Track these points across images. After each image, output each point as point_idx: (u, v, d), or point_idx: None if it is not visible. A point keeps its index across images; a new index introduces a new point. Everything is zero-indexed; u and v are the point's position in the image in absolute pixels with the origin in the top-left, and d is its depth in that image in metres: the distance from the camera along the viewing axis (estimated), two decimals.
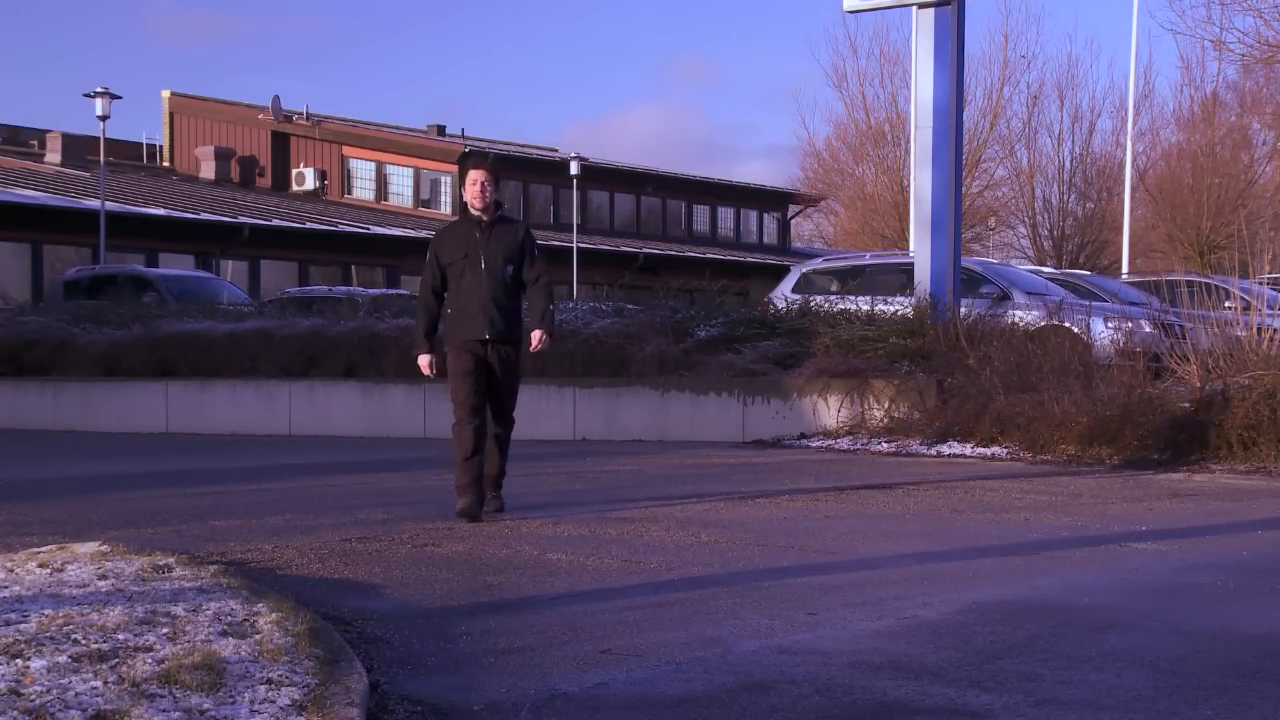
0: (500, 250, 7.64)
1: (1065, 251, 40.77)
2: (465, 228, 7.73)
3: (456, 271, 7.64)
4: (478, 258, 7.60)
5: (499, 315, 7.60)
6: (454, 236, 7.76)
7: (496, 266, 7.61)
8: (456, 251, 7.66)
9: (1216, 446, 10.34)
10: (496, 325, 7.60)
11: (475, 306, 7.58)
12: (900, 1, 14.50)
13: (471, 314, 7.58)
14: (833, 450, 12.00)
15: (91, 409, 16.88)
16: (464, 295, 7.62)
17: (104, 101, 26.58)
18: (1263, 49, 22.24)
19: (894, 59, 37.95)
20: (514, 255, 7.68)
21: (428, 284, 7.78)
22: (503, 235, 7.69)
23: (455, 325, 7.65)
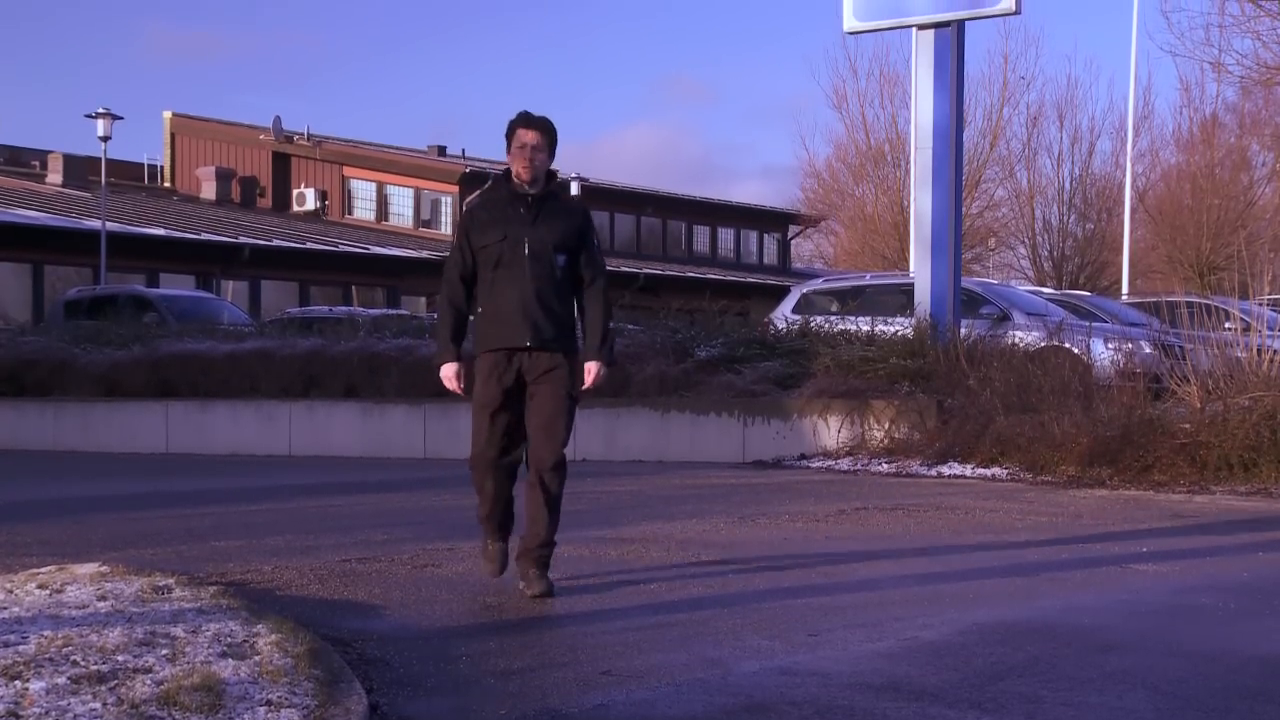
0: (551, 233, 5.89)
1: (1065, 272, 40.78)
2: (506, 201, 5.95)
3: (491, 257, 5.88)
4: (520, 241, 5.85)
5: (545, 318, 5.82)
6: (491, 211, 5.98)
7: (545, 254, 5.86)
8: (493, 231, 5.89)
9: (1217, 468, 10.33)
10: (542, 330, 5.81)
11: (513, 304, 5.82)
12: (900, 23, 14.54)
13: (508, 314, 5.83)
14: (833, 471, 11.99)
15: (92, 429, 16.88)
16: (500, 289, 5.86)
17: (105, 122, 26.66)
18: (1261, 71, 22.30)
19: (894, 80, 38.04)
20: (569, 242, 5.94)
21: (455, 270, 6.00)
22: (556, 214, 5.95)
23: (486, 328, 5.90)
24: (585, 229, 6.06)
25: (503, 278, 5.89)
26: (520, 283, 5.86)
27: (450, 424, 14.30)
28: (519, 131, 5.96)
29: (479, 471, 5.98)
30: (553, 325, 5.88)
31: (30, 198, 31.57)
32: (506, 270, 5.88)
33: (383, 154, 40.67)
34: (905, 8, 13.93)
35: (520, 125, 5.99)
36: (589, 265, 6.04)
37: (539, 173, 5.95)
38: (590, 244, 6.07)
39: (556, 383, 5.86)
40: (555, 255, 5.91)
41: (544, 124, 6.01)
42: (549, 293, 5.89)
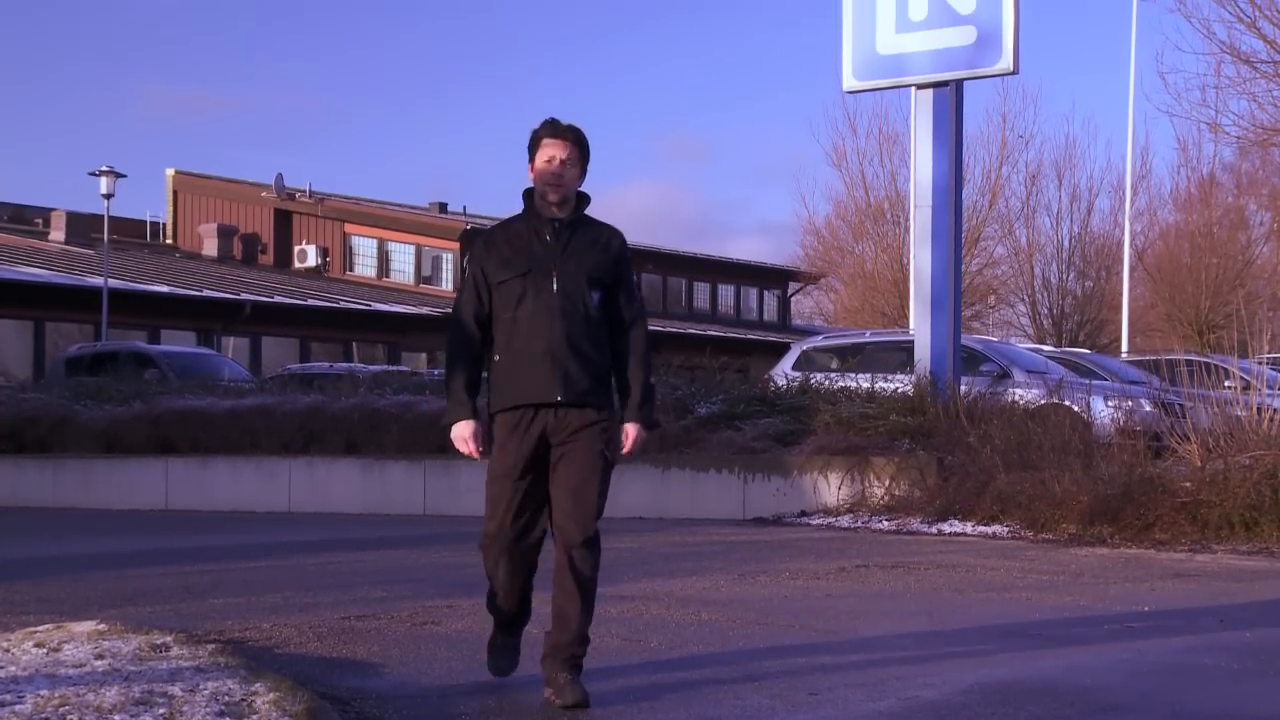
0: (584, 266, 5.01)
1: (1065, 330, 40.85)
2: (528, 228, 5.07)
3: (513, 295, 4.98)
4: (548, 275, 4.96)
5: (579, 367, 4.95)
6: (511, 241, 5.08)
7: (578, 290, 4.98)
8: (515, 263, 5.01)
9: (1218, 526, 10.30)
10: (575, 382, 4.93)
11: (540, 350, 4.93)
12: (899, 83, 14.63)
13: (533, 363, 4.93)
14: (833, 528, 11.96)
15: (92, 486, 16.85)
16: (523, 333, 4.96)
17: (108, 180, 26.79)
18: (1258, 132, 22.44)
19: (893, 138, 38.25)
20: (605, 276, 5.06)
21: (468, 310, 5.07)
22: (589, 244, 5.07)
23: (505, 381, 5.01)
24: (623, 261, 5.15)
25: (527, 319, 4.95)
26: (548, 324, 4.93)
27: (450, 480, 14.28)
28: (545, 143, 5.05)
29: (493, 554, 5.06)
30: (587, 376, 4.96)
31: (33, 255, 31.68)
32: (531, 310, 4.95)
33: (384, 211, 40.84)
34: (904, 68, 14.03)
35: (547, 135, 5.07)
36: (628, 305, 5.14)
37: (569, 193, 5.07)
38: (629, 279, 5.18)
39: (589, 442, 4.95)
40: (590, 291, 5.00)
41: (575, 134, 5.11)
42: (582, 336, 4.97)
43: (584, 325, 4.99)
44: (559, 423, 4.96)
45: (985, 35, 13.52)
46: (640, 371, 5.14)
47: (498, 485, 5.00)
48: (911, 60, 13.94)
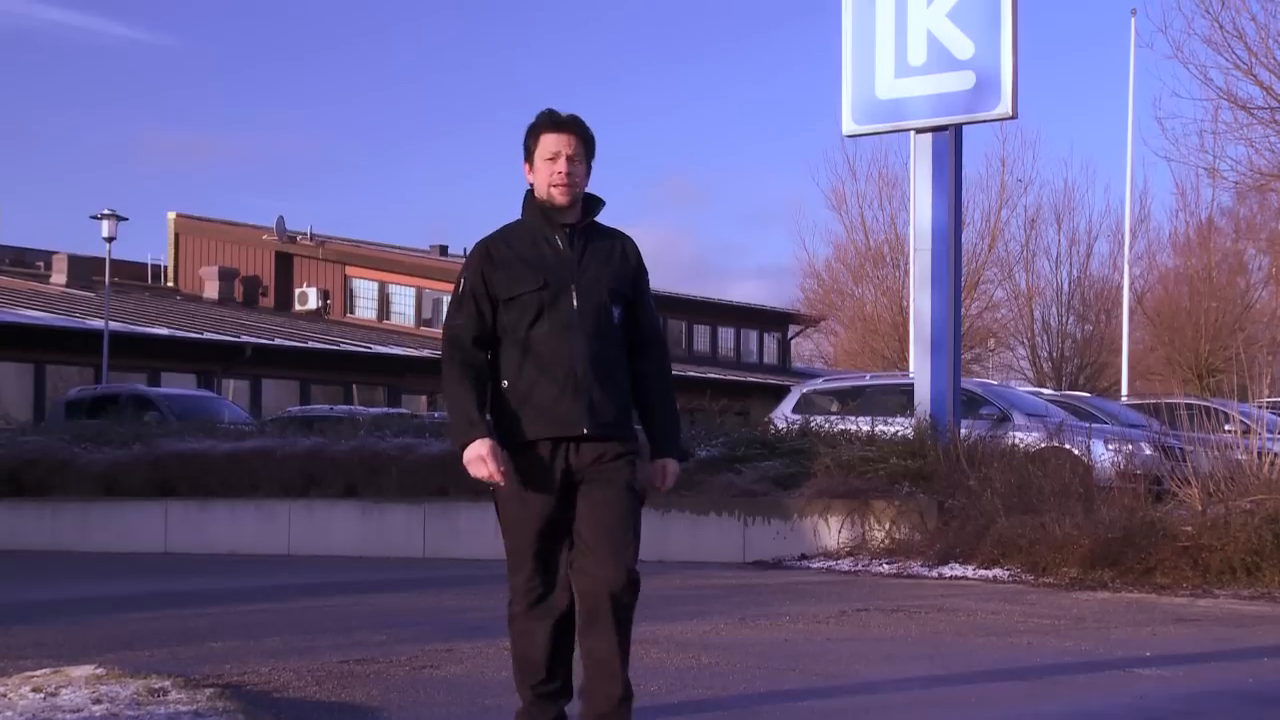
0: (604, 278, 4.48)
1: (1065, 373, 40.87)
2: (538, 233, 4.50)
3: (526, 312, 4.40)
4: (566, 288, 4.41)
5: (604, 394, 4.40)
6: (518, 250, 4.48)
7: (599, 306, 4.45)
8: (527, 275, 4.43)
9: (1220, 571, 10.27)
10: (600, 411, 4.40)
11: (561, 376, 4.36)
12: (898, 127, 14.70)
13: (552, 390, 4.37)
14: (834, 572, 11.93)
15: (90, 529, 16.80)
16: (539, 356, 4.38)
17: (110, 223, 26.90)
18: (1255, 177, 22.54)
19: (892, 181, 38.43)
20: (624, 288, 4.54)
21: (467, 331, 4.45)
22: (604, 252, 4.54)
23: (518, 413, 4.40)
24: (642, 271, 4.62)
25: (543, 340, 4.37)
26: (569, 345, 4.37)
27: (450, 523, 14.25)
28: (545, 138, 4.49)
29: (524, 622, 4.48)
30: (613, 404, 4.41)
31: (34, 298, 31.76)
32: (548, 329, 4.37)
33: (385, 253, 40.97)
34: (904, 112, 14.10)
35: (547, 129, 4.50)
36: (648, 321, 4.61)
37: (578, 193, 4.50)
38: (648, 293, 4.65)
39: (617, 474, 4.41)
40: (610, 305, 4.47)
41: (578, 125, 4.54)
42: (607, 359, 4.42)
43: (608, 345, 4.43)
44: (580, 459, 4.39)
45: (984, 80, 13.59)
46: (668, 397, 4.63)
47: (522, 538, 4.43)
48: (911, 105, 14.01)
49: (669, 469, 4.64)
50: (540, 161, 4.51)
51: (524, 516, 4.43)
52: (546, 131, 4.52)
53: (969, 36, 13.64)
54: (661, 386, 4.63)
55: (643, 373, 4.59)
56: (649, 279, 4.70)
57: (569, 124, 4.53)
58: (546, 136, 4.51)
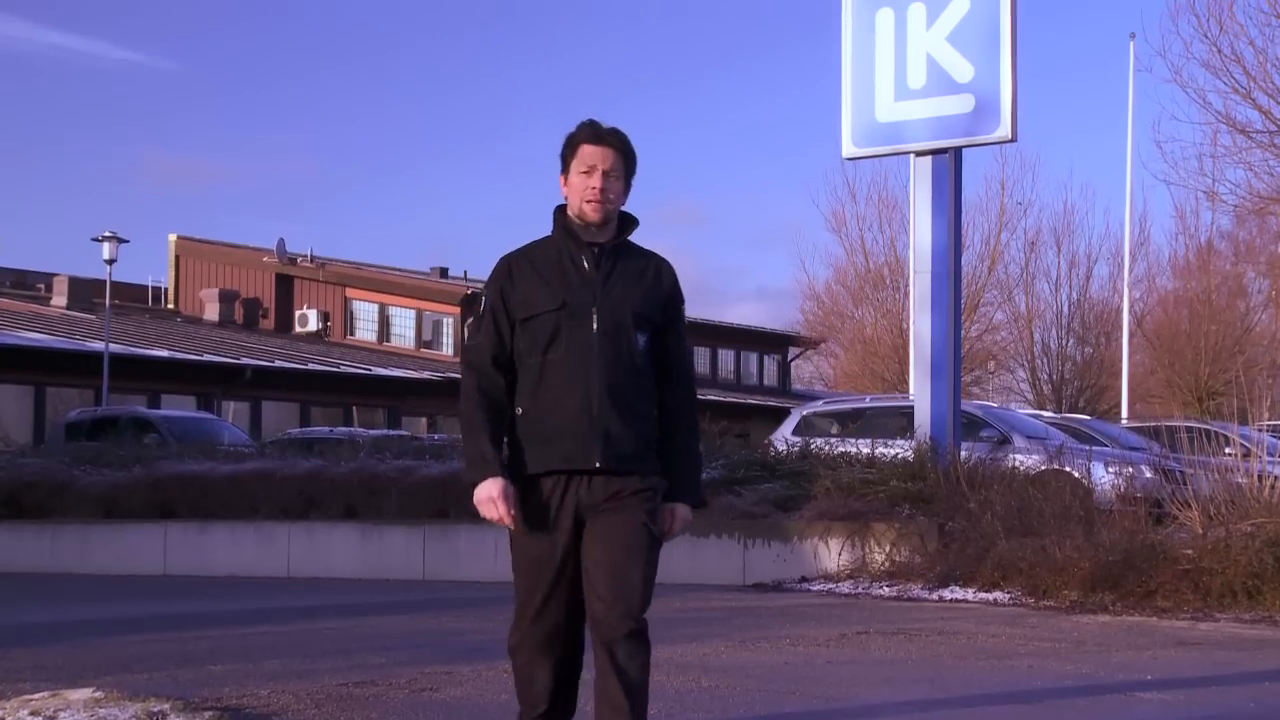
0: (630, 301, 4.21)
1: (1065, 396, 40.87)
2: (565, 253, 4.25)
3: (542, 334, 4.17)
4: (586, 310, 4.16)
5: (623, 425, 4.13)
6: (541, 267, 4.24)
7: (622, 331, 4.18)
8: (546, 294, 4.19)
9: (1221, 594, 10.26)
10: (617, 444, 4.12)
11: (575, 404, 4.11)
12: (898, 150, 14.74)
13: (566, 419, 4.12)
14: (834, 594, 11.91)
15: (90, 551, 16.79)
16: (553, 381, 4.14)
17: (111, 245, 26.93)
18: (1254, 200, 22.57)
19: (892, 204, 38.47)
20: (654, 314, 4.26)
21: (485, 352, 4.24)
22: (634, 275, 4.26)
23: (530, 441, 4.18)
24: (676, 298, 4.33)
25: (558, 365, 4.13)
26: (585, 371, 4.11)
27: (449, 545, 14.24)
28: (583, 150, 4.23)
29: (525, 656, 4.24)
30: (632, 436, 4.13)
31: (34, 320, 31.79)
32: (565, 352, 4.13)
33: (385, 275, 41.01)
34: (903, 135, 14.13)
35: (586, 140, 4.24)
36: (679, 352, 4.33)
37: (612, 211, 4.25)
38: (681, 321, 4.36)
39: (631, 513, 4.13)
40: (636, 332, 4.19)
41: (619, 140, 4.28)
42: (627, 388, 4.15)
43: (629, 373, 4.15)
44: (593, 495, 4.12)
45: (984, 103, 13.63)
46: (692, 437, 4.36)
47: (532, 574, 4.18)
48: (910, 128, 14.03)
49: (678, 514, 4.30)
50: (575, 175, 4.24)
51: (534, 556, 4.16)
52: (585, 143, 4.25)
53: (968, 60, 13.68)
54: (685, 424, 4.33)
55: (667, 407, 4.29)
56: (683, 307, 4.38)
57: (609, 137, 4.25)
58: (585, 149, 4.24)
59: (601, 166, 4.23)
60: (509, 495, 4.11)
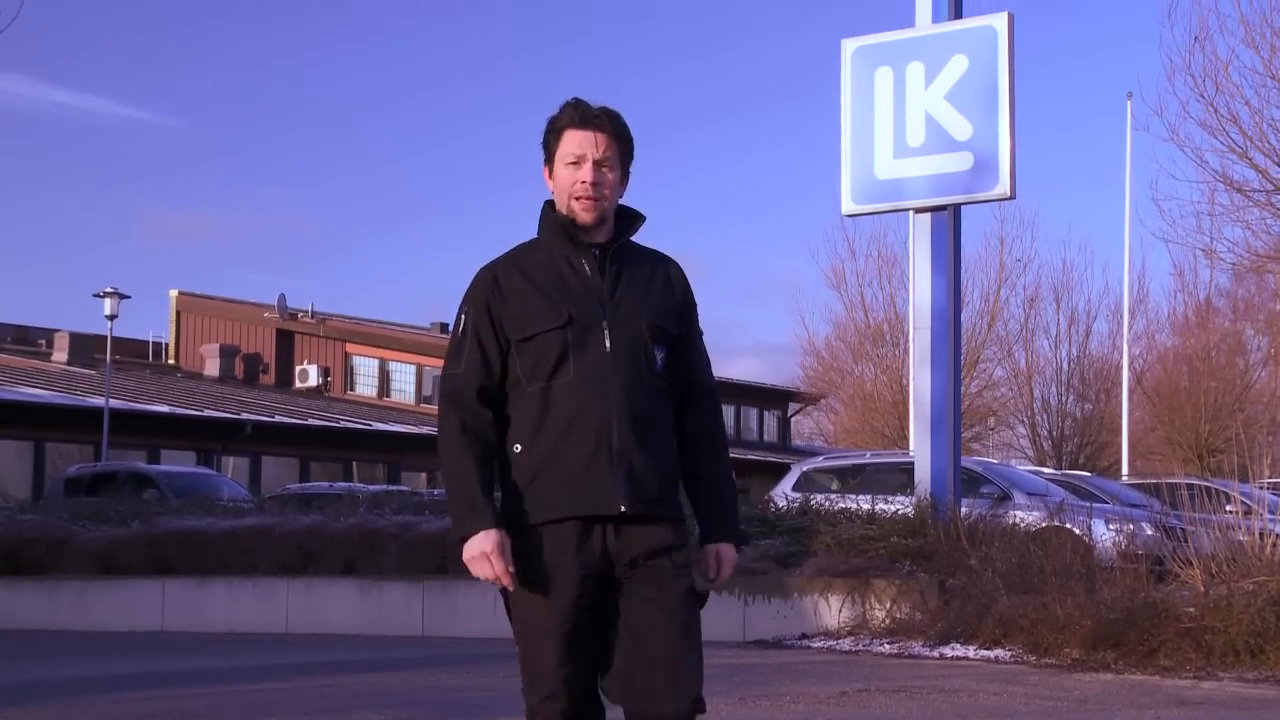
0: (644, 311, 3.58)
1: (1065, 452, 40.84)
2: (558, 256, 3.60)
3: (545, 357, 3.51)
4: (596, 325, 3.52)
5: (645, 458, 3.49)
6: (534, 274, 3.58)
7: (638, 348, 3.54)
8: (545, 309, 3.53)
9: (1223, 653, 10.21)
10: (643, 484, 3.48)
11: (591, 436, 3.46)
12: (898, 207, 14.81)
13: (581, 455, 3.46)
14: (835, 651, 11.86)
15: (88, 607, 16.72)
16: (562, 412, 3.48)
17: (112, 301, 27.01)
18: (1253, 259, 22.65)
19: (891, 260, 38.62)
20: (670, 327, 3.63)
21: (469, 382, 3.53)
22: (642, 280, 3.63)
23: (535, 484, 3.50)
24: (690, 304, 3.72)
25: (567, 392, 3.48)
26: (600, 398, 3.46)
27: (449, 601, 14.18)
28: (568, 136, 3.58)
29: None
30: (657, 473, 3.51)
31: (35, 376, 31.83)
32: (575, 377, 3.48)
33: (385, 331, 41.10)
34: (903, 192, 14.20)
35: (571, 124, 3.58)
36: (699, 364, 3.69)
37: (607, 208, 3.59)
38: (698, 330, 3.74)
39: (674, 576, 3.51)
40: (653, 345, 3.56)
41: (612, 121, 3.61)
42: (650, 415, 3.51)
43: (649, 397, 3.52)
44: (622, 545, 3.47)
45: (982, 161, 13.71)
46: (720, 463, 3.69)
47: (537, 647, 3.48)
48: (910, 185, 14.11)
49: (724, 557, 3.63)
50: (561, 166, 3.58)
51: (543, 622, 3.46)
52: (571, 128, 3.58)
53: (967, 118, 13.78)
54: (712, 449, 3.66)
55: (690, 432, 3.64)
56: (697, 313, 3.76)
57: (598, 119, 3.57)
58: (570, 135, 3.57)
59: (592, 155, 3.56)
60: (505, 549, 3.45)
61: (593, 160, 3.57)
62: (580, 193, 3.56)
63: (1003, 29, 13.66)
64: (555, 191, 3.64)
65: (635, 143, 3.70)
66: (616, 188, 3.63)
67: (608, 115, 3.62)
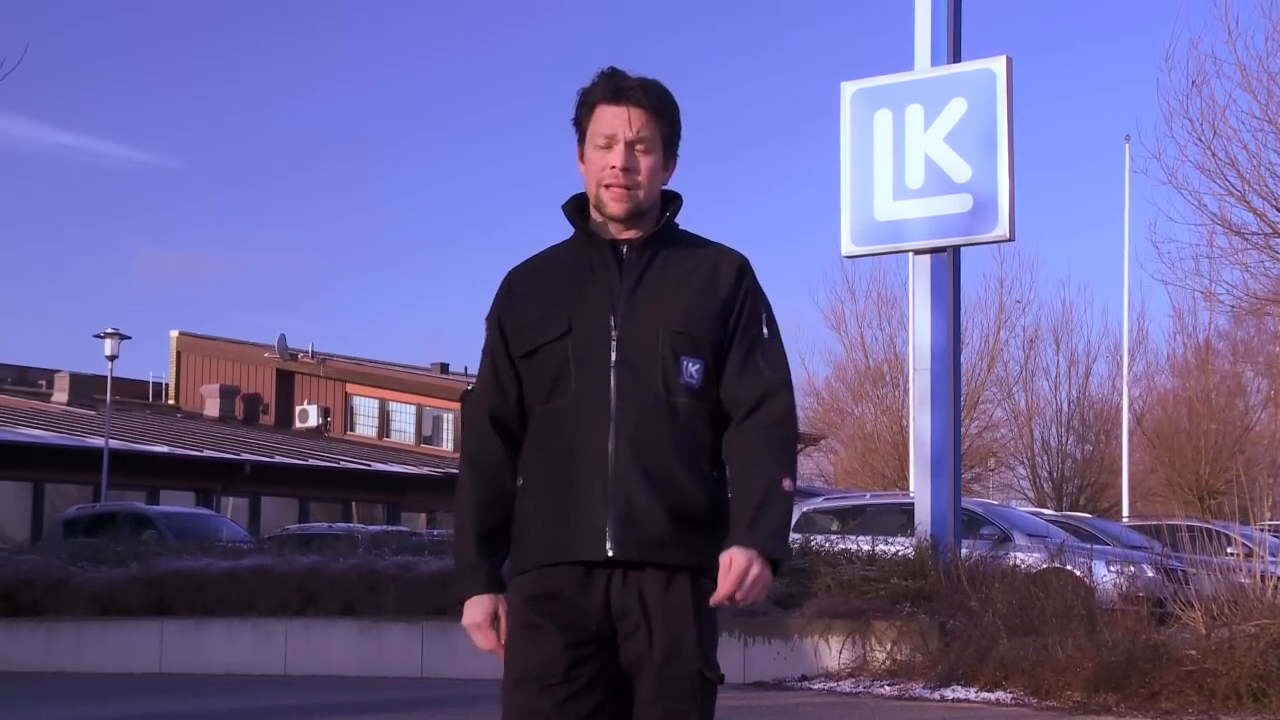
0: (668, 315, 3.03)
1: (1065, 493, 40.78)
2: (579, 258, 3.12)
3: (545, 372, 3.06)
4: (603, 335, 3.02)
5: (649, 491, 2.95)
6: (548, 280, 3.12)
7: (653, 359, 3.01)
8: (547, 318, 3.07)
9: (1225, 696, 10.17)
10: (641, 521, 2.94)
11: (582, 466, 2.99)
12: (897, 248, 14.85)
13: (568, 489, 3.00)
14: (835, 693, 11.81)
15: (85, 649, 16.66)
16: (558, 438, 3.03)
17: (113, 341, 27.04)
18: (1251, 301, 22.68)
19: (891, 301, 38.66)
20: (707, 332, 3.03)
21: (482, 406, 3.12)
22: (676, 277, 3.07)
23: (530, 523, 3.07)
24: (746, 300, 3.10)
25: (565, 415, 3.01)
26: (601, 421, 2.97)
27: (449, 642, 14.12)
28: (600, 113, 3.08)
29: None
30: (666, 512, 2.94)
31: (34, 416, 31.82)
32: (574, 397, 3.00)
33: (385, 371, 41.11)
34: (902, 234, 14.24)
35: (603, 98, 3.08)
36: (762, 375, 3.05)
37: (645, 197, 3.07)
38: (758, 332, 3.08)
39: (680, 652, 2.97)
40: (679, 361, 2.99)
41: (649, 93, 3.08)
42: (662, 440, 2.97)
43: (664, 420, 2.96)
44: (629, 595, 2.96)
45: (981, 203, 13.75)
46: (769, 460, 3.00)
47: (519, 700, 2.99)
48: (909, 227, 14.15)
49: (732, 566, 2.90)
50: (591, 149, 3.08)
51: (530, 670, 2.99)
52: (604, 103, 3.07)
53: (966, 160, 13.83)
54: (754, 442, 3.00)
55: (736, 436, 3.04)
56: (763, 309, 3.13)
57: (633, 91, 3.05)
58: (602, 111, 3.07)
59: (624, 135, 3.04)
60: (497, 619, 3.08)
61: (625, 141, 3.04)
62: (609, 179, 3.05)
63: (1001, 72, 13.73)
64: (586, 178, 3.13)
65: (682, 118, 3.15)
66: (657, 174, 3.08)
67: (644, 87, 3.08)
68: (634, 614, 2.96)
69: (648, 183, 3.07)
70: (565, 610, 2.98)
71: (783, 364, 3.10)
